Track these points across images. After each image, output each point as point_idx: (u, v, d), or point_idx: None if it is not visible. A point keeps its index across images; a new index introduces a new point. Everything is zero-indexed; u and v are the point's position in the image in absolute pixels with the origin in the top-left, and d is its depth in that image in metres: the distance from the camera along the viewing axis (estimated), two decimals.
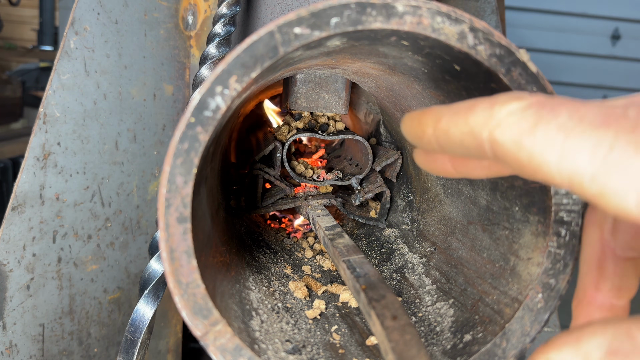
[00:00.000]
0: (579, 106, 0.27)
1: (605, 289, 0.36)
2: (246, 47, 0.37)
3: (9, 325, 0.77)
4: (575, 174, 0.26)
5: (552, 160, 0.26)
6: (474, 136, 0.30)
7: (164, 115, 0.83)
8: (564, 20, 4.54)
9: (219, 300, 0.44)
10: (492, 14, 0.93)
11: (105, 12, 0.78)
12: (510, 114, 0.28)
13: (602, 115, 0.26)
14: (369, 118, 0.91)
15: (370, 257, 0.75)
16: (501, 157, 0.29)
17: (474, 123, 0.30)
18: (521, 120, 0.28)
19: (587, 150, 0.25)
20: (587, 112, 0.26)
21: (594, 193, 0.25)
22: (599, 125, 0.25)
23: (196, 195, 0.40)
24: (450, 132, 0.32)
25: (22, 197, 0.76)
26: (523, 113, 0.28)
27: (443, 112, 0.33)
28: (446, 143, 0.33)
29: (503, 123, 0.29)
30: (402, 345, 0.39)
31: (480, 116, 0.30)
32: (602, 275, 0.36)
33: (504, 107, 0.29)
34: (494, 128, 0.29)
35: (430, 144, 0.34)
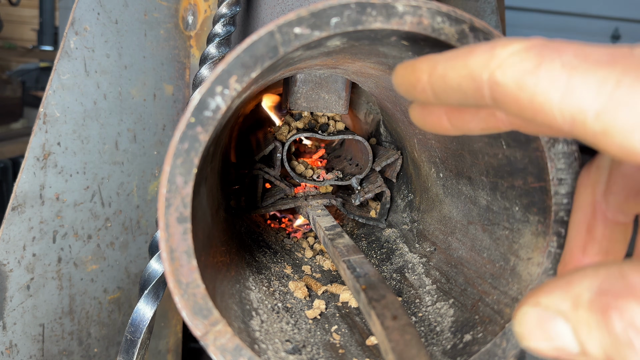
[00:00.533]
0: (584, 46, 0.26)
1: (593, 253, 0.36)
2: (246, 47, 0.37)
3: (9, 325, 0.77)
4: (579, 111, 0.25)
5: (554, 99, 0.25)
6: (473, 79, 0.29)
7: (164, 115, 0.83)
8: (564, 20, 4.54)
9: (219, 300, 0.44)
10: (492, 14, 0.93)
11: (105, 12, 0.78)
12: (512, 55, 0.28)
13: (608, 54, 0.25)
14: (369, 118, 0.91)
15: (370, 257, 0.75)
16: (501, 101, 0.28)
17: (474, 65, 0.29)
18: (524, 60, 0.27)
19: (593, 87, 0.24)
20: (592, 51, 0.26)
21: (597, 131, 0.24)
22: (605, 63, 0.25)
23: (196, 195, 0.40)
24: (447, 76, 0.31)
25: (22, 197, 0.76)
26: (526, 53, 0.27)
27: (439, 58, 0.32)
28: (442, 90, 0.32)
29: (504, 63, 0.28)
30: (402, 345, 0.39)
31: (481, 58, 0.29)
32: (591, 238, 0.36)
33: (506, 48, 0.28)
34: (495, 69, 0.28)
35: (425, 92, 0.33)
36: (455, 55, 0.31)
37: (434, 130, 0.38)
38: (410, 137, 0.73)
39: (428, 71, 0.32)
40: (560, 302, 0.27)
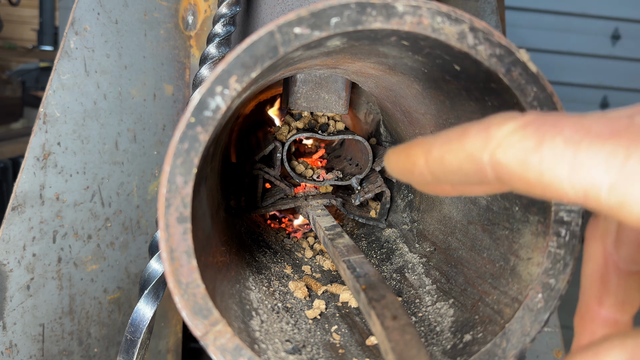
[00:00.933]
0: (581, 119, 0.26)
1: (609, 304, 0.35)
2: (246, 47, 0.37)
3: (9, 325, 0.77)
4: (591, 186, 0.25)
5: (563, 176, 0.25)
6: (473, 161, 0.29)
7: (164, 115, 0.83)
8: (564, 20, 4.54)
9: (219, 300, 0.44)
10: (492, 14, 0.93)
11: (105, 12, 0.78)
12: (509, 134, 0.27)
13: (608, 126, 0.25)
14: (369, 118, 0.91)
15: (370, 257, 0.75)
16: (505, 179, 0.28)
17: (471, 147, 0.29)
18: (523, 139, 0.27)
19: (601, 161, 0.24)
20: (591, 124, 0.26)
21: (612, 204, 0.24)
22: (608, 135, 0.25)
23: (196, 195, 0.40)
24: (445, 160, 0.31)
25: (22, 197, 0.76)
26: (523, 131, 0.27)
27: (432, 142, 0.32)
28: (441, 173, 0.31)
29: (504, 143, 0.27)
30: (402, 345, 0.39)
31: (477, 139, 0.29)
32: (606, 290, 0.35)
33: (501, 128, 0.28)
34: (495, 149, 0.28)
35: (423, 176, 0.33)
36: (448, 139, 0.31)
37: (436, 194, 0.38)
38: (410, 137, 0.73)
39: (423, 156, 0.32)
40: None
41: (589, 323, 0.36)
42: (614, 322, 0.35)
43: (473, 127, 0.30)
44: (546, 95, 0.39)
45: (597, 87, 4.70)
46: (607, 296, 0.35)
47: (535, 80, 0.39)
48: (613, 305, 0.35)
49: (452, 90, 0.48)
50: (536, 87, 0.39)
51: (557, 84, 4.53)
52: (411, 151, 0.33)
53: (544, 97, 0.39)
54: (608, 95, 4.73)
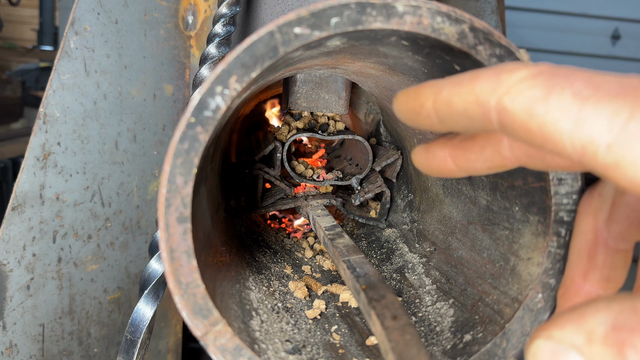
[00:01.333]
0: (593, 75, 0.26)
1: (594, 280, 0.36)
2: (246, 47, 0.37)
3: (9, 325, 0.77)
4: (590, 142, 0.25)
5: (565, 129, 0.25)
6: (480, 104, 0.29)
7: (164, 115, 0.83)
8: (564, 20, 4.54)
9: (219, 300, 0.44)
10: (492, 14, 0.93)
11: (105, 12, 0.78)
12: (520, 81, 0.27)
13: (618, 85, 0.25)
14: (369, 118, 0.91)
15: (370, 257, 0.75)
16: (509, 127, 0.28)
17: (480, 90, 0.29)
18: (533, 87, 0.27)
19: (604, 119, 0.24)
20: (602, 81, 0.25)
21: (608, 163, 0.24)
22: (616, 94, 0.25)
23: (196, 195, 0.40)
24: (453, 102, 0.31)
25: (22, 197, 0.76)
26: (534, 80, 0.27)
27: (443, 83, 0.32)
28: (448, 115, 0.31)
29: (513, 90, 0.27)
30: (402, 345, 0.39)
31: (487, 83, 0.29)
32: (592, 265, 0.36)
33: (513, 74, 0.28)
34: (503, 95, 0.28)
35: (430, 117, 0.33)
36: (459, 81, 0.31)
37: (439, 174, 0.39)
38: (410, 137, 0.73)
39: (432, 97, 0.32)
40: (574, 335, 0.27)
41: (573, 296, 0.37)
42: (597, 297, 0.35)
43: (485, 71, 0.30)
44: None
45: None
46: (593, 271, 0.36)
47: None
48: (598, 280, 0.36)
49: None
50: None
51: None
52: (421, 91, 0.33)
53: None
54: None
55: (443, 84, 0.32)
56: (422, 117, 0.33)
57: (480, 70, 0.30)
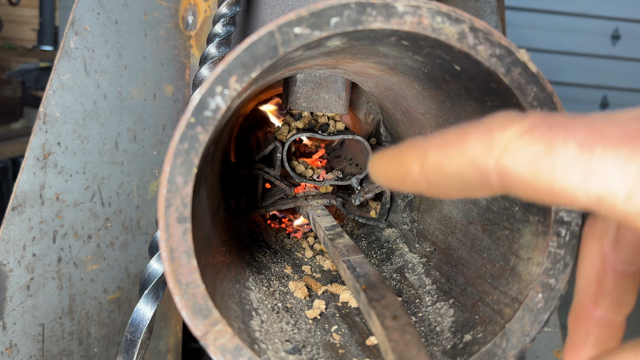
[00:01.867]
0: (591, 122, 0.25)
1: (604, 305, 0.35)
2: (246, 47, 0.37)
3: (9, 325, 0.77)
4: (607, 194, 0.24)
5: (577, 183, 0.24)
6: (477, 167, 0.27)
7: (164, 115, 0.83)
8: (564, 20, 4.54)
9: (219, 300, 0.44)
10: (492, 14, 0.93)
11: (105, 12, 0.78)
12: (515, 138, 0.26)
13: (620, 129, 0.24)
14: (369, 118, 0.91)
15: (370, 257, 0.75)
16: (513, 188, 0.27)
17: (474, 152, 0.27)
18: (532, 143, 0.25)
19: (617, 168, 0.23)
20: (604, 128, 0.24)
21: (629, 212, 0.23)
22: (622, 140, 0.24)
23: (196, 195, 0.40)
24: (443, 166, 0.29)
25: (22, 197, 0.76)
26: (531, 135, 0.25)
27: (428, 146, 0.30)
28: (439, 180, 0.29)
29: (510, 148, 0.26)
30: (402, 345, 0.39)
31: (479, 143, 0.27)
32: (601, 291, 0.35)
33: (505, 131, 0.26)
34: (501, 155, 0.26)
35: (418, 184, 0.31)
36: (446, 142, 0.29)
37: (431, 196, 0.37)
38: (411, 137, 0.73)
39: (418, 162, 0.30)
40: None
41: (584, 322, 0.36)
42: (608, 323, 0.35)
43: (472, 129, 0.28)
44: (546, 95, 0.39)
45: (597, 87, 4.70)
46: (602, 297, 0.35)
47: (535, 80, 0.39)
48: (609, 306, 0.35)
49: (452, 90, 0.48)
50: (536, 87, 0.39)
51: (557, 84, 4.53)
52: (403, 156, 0.31)
53: (544, 97, 0.39)
54: (608, 95, 4.73)
55: (428, 146, 0.30)
56: (408, 184, 0.31)
57: (467, 128, 0.28)
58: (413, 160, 0.30)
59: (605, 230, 0.35)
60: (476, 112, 0.47)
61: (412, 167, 0.30)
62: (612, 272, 0.35)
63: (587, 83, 4.69)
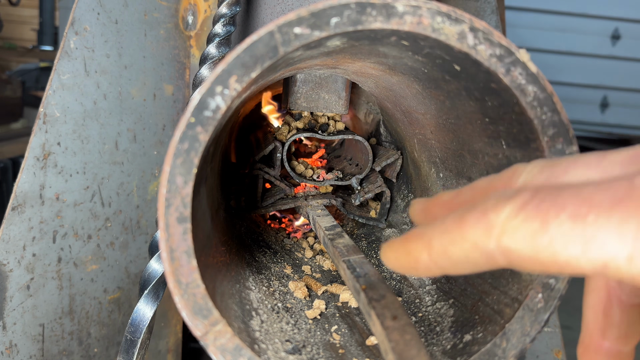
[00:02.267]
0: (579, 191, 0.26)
1: (612, 337, 0.36)
2: (246, 47, 0.37)
3: (9, 325, 0.77)
4: (609, 259, 0.24)
5: (577, 253, 0.25)
6: (480, 250, 0.28)
7: (164, 115, 0.83)
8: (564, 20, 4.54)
9: (219, 300, 0.44)
10: (492, 14, 0.93)
11: (105, 12, 0.78)
12: (510, 218, 0.27)
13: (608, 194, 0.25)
14: (369, 118, 0.91)
15: (370, 257, 0.75)
16: (517, 263, 0.28)
17: (474, 237, 0.28)
18: (526, 221, 0.26)
19: (613, 233, 0.24)
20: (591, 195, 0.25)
21: (635, 273, 0.24)
22: (611, 205, 0.24)
23: (196, 195, 0.40)
24: (449, 252, 0.30)
25: (22, 197, 0.76)
26: (524, 213, 0.26)
27: (431, 235, 0.31)
28: (449, 264, 0.31)
29: (507, 228, 0.27)
30: (402, 345, 0.39)
31: (478, 229, 0.28)
32: (609, 323, 0.36)
33: (500, 212, 0.27)
34: (500, 237, 0.27)
35: (430, 270, 0.32)
36: (446, 229, 0.30)
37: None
38: (410, 137, 0.73)
39: (425, 251, 0.31)
40: None
41: (593, 354, 0.37)
42: (617, 353, 0.36)
43: (469, 213, 0.29)
44: (546, 95, 0.39)
45: (597, 87, 4.71)
46: (610, 329, 0.36)
47: (535, 80, 0.39)
48: (616, 338, 0.36)
49: (452, 90, 0.48)
50: (536, 87, 0.39)
51: (557, 84, 4.53)
52: (410, 247, 0.32)
53: (544, 97, 0.39)
54: (608, 95, 4.73)
55: (431, 235, 0.31)
56: (420, 270, 0.32)
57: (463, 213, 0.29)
58: (420, 250, 0.32)
59: None
60: (476, 112, 0.47)
61: (420, 256, 0.32)
62: (618, 304, 0.35)
63: (587, 83, 4.69)
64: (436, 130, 0.60)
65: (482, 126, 0.47)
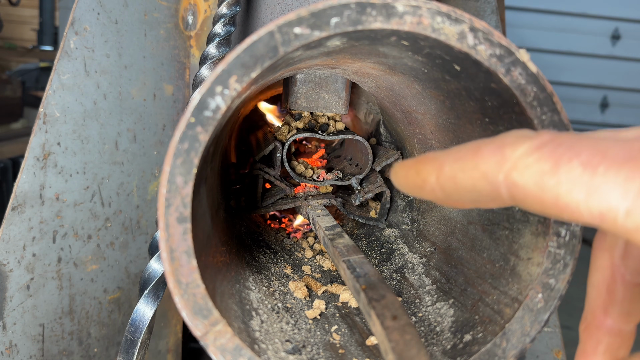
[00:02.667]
0: (596, 143, 0.26)
1: (615, 314, 0.36)
2: (246, 47, 0.37)
3: (9, 325, 0.77)
4: (608, 210, 0.25)
5: (580, 199, 0.26)
6: (488, 180, 0.29)
7: (164, 115, 0.83)
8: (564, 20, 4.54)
9: (219, 300, 0.44)
10: (492, 14, 0.93)
11: (105, 12, 0.78)
12: (525, 155, 0.28)
13: (623, 150, 0.25)
14: (369, 118, 0.91)
15: (370, 257, 0.75)
16: (520, 200, 0.28)
17: (486, 167, 0.29)
18: (539, 160, 0.27)
19: (618, 186, 0.24)
20: (607, 148, 0.26)
21: (629, 228, 0.25)
22: (624, 160, 0.25)
23: (196, 195, 0.40)
24: (458, 178, 0.31)
25: (22, 197, 0.76)
26: (539, 152, 0.27)
27: (444, 159, 0.32)
28: (454, 191, 0.31)
29: (519, 165, 0.28)
30: (402, 345, 0.39)
31: (491, 159, 0.29)
32: (612, 301, 0.36)
33: (516, 148, 0.28)
34: (511, 171, 0.28)
35: (434, 192, 0.33)
36: (461, 157, 0.31)
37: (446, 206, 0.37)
38: (410, 137, 0.73)
39: (435, 173, 0.32)
40: None
41: (595, 331, 0.37)
42: (618, 331, 0.36)
43: (486, 145, 0.30)
44: (546, 95, 0.39)
45: (597, 87, 4.71)
46: (613, 307, 0.36)
47: (535, 80, 0.39)
48: (619, 315, 0.36)
49: (452, 90, 0.48)
50: (536, 87, 0.39)
51: (557, 84, 4.53)
52: (421, 167, 0.33)
53: (544, 97, 0.39)
54: (608, 95, 4.73)
55: (444, 159, 0.32)
56: (426, 192, 0.33)
57: (481, 144, 0.30)
58: (431, 171, 0.32)
59: (614, 242, 0.36)
60: (476, 112, 0.47)
61: (429, 176, 0.32)
62: (622, 282, 0.36)
63: (587, 83, 4.69)
64: (436, 130, 0.60)
65: (482, 126, 0.48)
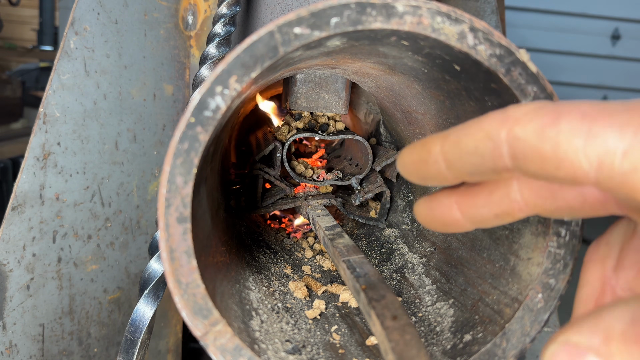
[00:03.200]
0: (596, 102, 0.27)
1: None
2: (246, 47, 0.37)
3: (9, 325, 0.77)
4: (605, 153, 0.25)
5: (579, 145, 0.26)
6: (491, 138, 0.30)
7: (164, 115, 0.83)
8: (564, 20, 4.54)
9: (219, 300, 0.44)
10: (492, 14, 0.93)
11: (105, 12, 0.78)
12: (528, 112, 0.29)
13: (621, 105, 0.26)
14: (369, 118, 0.91)
15: (370, 257, 0.75)
16: (521, 156, 0.29)
17: (489, 126, 0.30)
18: (541, 115, 0.28)
19: (616, 130, 0.25)
20: (606, 104, 0.27)
21: (626, 170, 0.25)
22: (622, 111, 0.26)
23: (196, 195, 0.40)
24: (461, 141, 0.31)
25: (22, 197, 0.76)
26: (542, 109, 0.28)
27: (450, 130, 0.33)
28: (457, 156, 0.32)
29: (522, 120, 0.28)
30: (402, 345, 0.39)
31: (495, 119, 0.30)
32: None
33: (519, 108, 0.29)
34: (513, 125, 0.29)
35: (437, 163, 0.33)
36: (466, 125, 0.32)
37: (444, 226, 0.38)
38: (410, 137, 0.73)
39: (440, 142, 0.33)
40: (591, 337, 0.26)
41: None
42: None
43: (491, 112, 0.31)
44: (546, 95, 0.39)
45: (597, 87, 4.71)
46: None
47: (535, 80, 0.39)
48: None
49: (452, 90, 0.48)
50: (536, 87, 0.39)
51: (557, 84, 4.53)
52: (427, 140, 0.34)
53: (544, 97, 0.39)
54: (608, 95, 4.73)
55: (450, 130, 0.33)
56: (429, 165, 0.34)
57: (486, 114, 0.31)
58: (435, 141, 0.33)
59: (607, 254, 0.35)
60: (476, 112, 0.47)
61: (433, 147, 0.33)
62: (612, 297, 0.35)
63: (587, 83, 4.69)
64: (436, 130, 0.60)
65: None
